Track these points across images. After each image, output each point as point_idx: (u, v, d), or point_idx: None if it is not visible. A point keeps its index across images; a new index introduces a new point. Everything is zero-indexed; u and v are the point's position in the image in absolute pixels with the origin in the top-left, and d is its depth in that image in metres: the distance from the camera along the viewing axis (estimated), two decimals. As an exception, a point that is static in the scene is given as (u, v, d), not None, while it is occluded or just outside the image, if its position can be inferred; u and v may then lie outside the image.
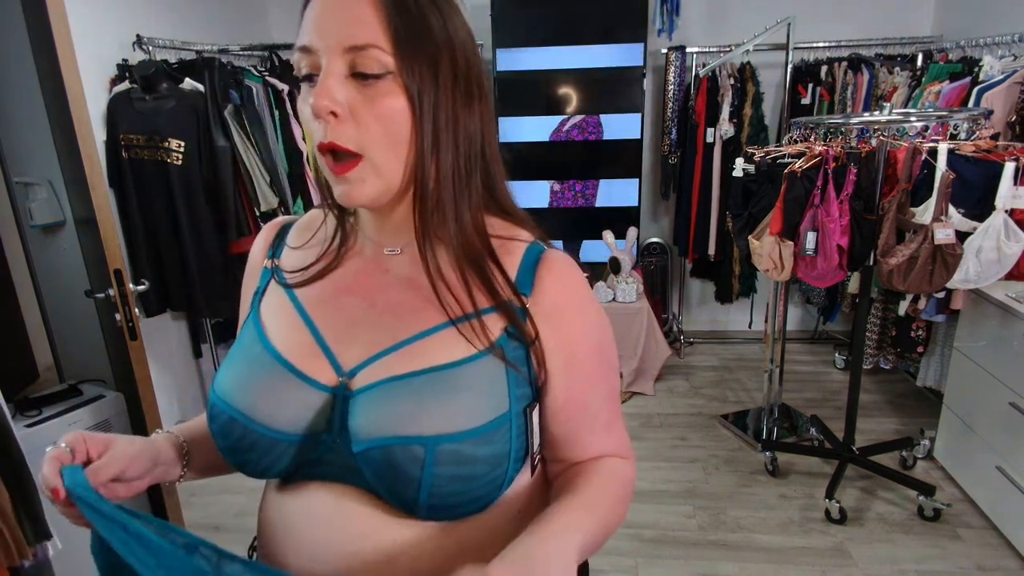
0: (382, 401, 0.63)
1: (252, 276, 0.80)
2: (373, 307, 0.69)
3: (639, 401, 3.33)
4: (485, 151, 0.68)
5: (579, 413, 0.71)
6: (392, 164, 0.61)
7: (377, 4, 0.58)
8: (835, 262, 2.16)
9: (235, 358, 0.71)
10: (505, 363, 0.65)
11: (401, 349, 0.65)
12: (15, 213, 2.11)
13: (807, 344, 3.97)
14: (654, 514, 2.44)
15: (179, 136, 2.53)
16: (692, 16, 3.71)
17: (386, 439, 0.61)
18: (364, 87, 0.59)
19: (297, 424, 0.65)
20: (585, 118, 3.53)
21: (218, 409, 0.67)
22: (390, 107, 0.59)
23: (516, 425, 0.65)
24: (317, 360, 0.67)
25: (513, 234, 0.71)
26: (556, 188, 3.66)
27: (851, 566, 2.13)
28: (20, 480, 1.49)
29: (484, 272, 0.66)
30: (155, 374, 1.99)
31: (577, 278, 0.70)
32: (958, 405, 2.45)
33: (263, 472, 0.67)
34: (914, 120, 2.19)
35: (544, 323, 0.67)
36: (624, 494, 0.73)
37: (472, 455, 0.61)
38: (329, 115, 0.58)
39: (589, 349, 0.70)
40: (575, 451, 0.73)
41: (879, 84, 3.24)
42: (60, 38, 1.54)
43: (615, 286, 3.44)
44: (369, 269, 0.71)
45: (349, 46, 0.58)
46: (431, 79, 0.60)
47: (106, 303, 1.75)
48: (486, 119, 0.67)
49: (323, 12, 0.59)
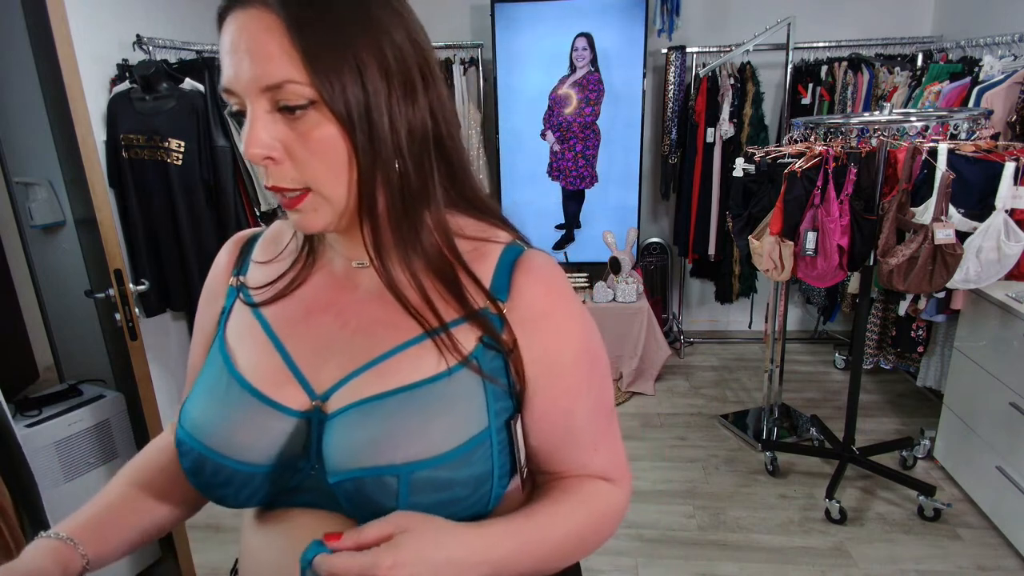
0: (354, 427, 0.60)
1: (215, 295, 0.75)
2: (345, 326, 0.65)
3: (639, 401, 3.33)
4: (443, 143, 0.63)
5: (559, 427, 0.66)
6: (339, 190, 0.58)
7: (283, 31, 0.53)
8: (835, 262, 2.16)
9: (202, 389, 0.66)
10: (482, 376, 0.61)
11: (374, 367, 0.62)
12: (15, 213, 2.11)
13: (807, 344, 3.97)
14: (654, 514, 2.44)
15: (179, 136, 2.53)
16: (692, 16, 3.71)
17: (357, 471, 0.58)
18: (293, 120, 0.55)
19: (272, 454, 0.62)
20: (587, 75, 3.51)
21: (187, 447, 0.63)
22: (322, 139, 0.56)
23: (498, 441, 0.62)
24: (288, 386, 0.63)
25: (488, 235, 0.67)
26: (556, 149, 3.64)
27: (851, 566, 2.13)
28: (21, 479, 1.49)
29: (452, 281, 0.62)
30: (155, 374, 1.99)
31: (557, 280, 0.66)
32: (958, 405, 2.45)
33: (242, 504, 0.65)
34: (914, 120, 2.19)
35: (522, 330, 0.63)
36: (598, 522, 0.68)
37: (450, 479, 0.59)
38: (266, 161, 0.56)
39: (572, 357, 0.65)
40: (556, 468, 0.69)
41: (879, 84, 3.24)
42: (60, 38, 1.54)
43: (615, 286, 3.44)
44: (339, 284, 0.68)
45: (265, 86, 0.54)
46: (358, 91, 0.55)
47: (106, 303, 1.75)
48: (438, 104, 0.61)
49: (234, 50, 0.55)
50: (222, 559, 2.28)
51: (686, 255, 3.83)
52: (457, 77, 3.54)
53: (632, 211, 3.68)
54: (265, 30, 0.54)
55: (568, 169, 3.66)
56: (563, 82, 3.54)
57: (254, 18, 0.54)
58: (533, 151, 3.65)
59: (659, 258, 3.94)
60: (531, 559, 0.62)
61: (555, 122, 3.59)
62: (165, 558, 2.03)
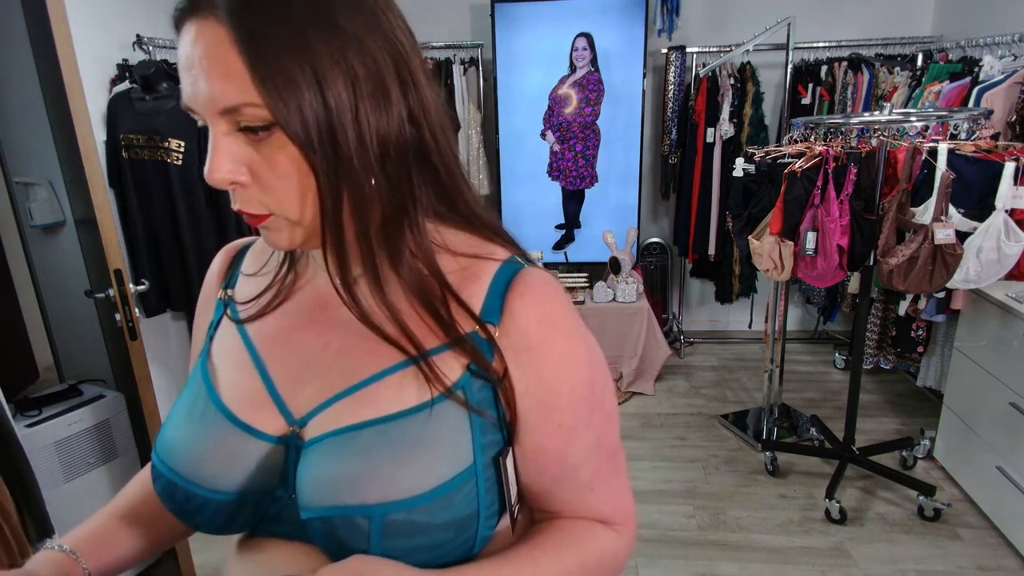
0: (328, 460, 0.56)
1: (206, 307, 0.72)
2: (327, 347, 0.61)
3: (639, 401, 3.33)
4: (427, 152, 0.56)
5: (552, 466, 0.60)
6: (307, 210, 0.53)
7: (233, 46, 0.48)
8: (835, 262, 2.16)
9: (180, 410, 0.64)
10: (468, 409, 0.56)
11: (354, 394, 0.58)
12: (15, 213, 2.11)
13: (807, 344, 3.97)
14: (654, 514, 2.44)
15: (179, 136, 2.53)
16: (692, 16, 3.71)
17: (328, 509, 0.54)
18: (257, 141, 0.51)
19: (243, 482, 0.59)
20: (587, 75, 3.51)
21: (158, 471, 0.61)
22: (285, 162, 0.51)
23: (484, 479, 0.57)
24: (265, 410, 0.60)
25: (481, 252, 0.60)
26: (556, 149, 3.64)
27: (851, 566, 2.13)
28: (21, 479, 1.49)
29: (434, 306, 0.57)
30: (155, 374, 1.99)
31: (556, 302, 0.59)
32: (958, 405, 2.45)
33: (220, 531, 0.61)
34: (914, 120, 2.19)
35: (514, 358, 0.57)
36: (590, 571, 0.61)
37: (427, 524, 0.54)
38: (232, 186, 0.53)
39: (568, 389, 0.58)
40: (551, 507, 0.63)
41: (879, 84, 3.24)
42: (60, 38, 1.54)
43: (615, 286, 3.44)
44: (322, 302, 0.63)
45: (223, 108, 0.50)
46: (319, 107, 0.49)
47: (106, 303, 1.75)
48: (421, 110, 0.55)
49: (188, 65, 0.50)
50: (222, 559, 2.27)
51: (686, 255, 3.83)
52: (457, 77, 3.54)
53: (632, 211, 3.68)
54: (216, 45, 0.49)
55: (568, 169, 3.66)
56: (563, 82, 3.54)
57: (205, 30, 0.49)
58: (533, 151, 3.65)
59: (659, 258, 3.94)
60: None
61: (555, 122, 3.59)
62: (165, 558, 2.03)
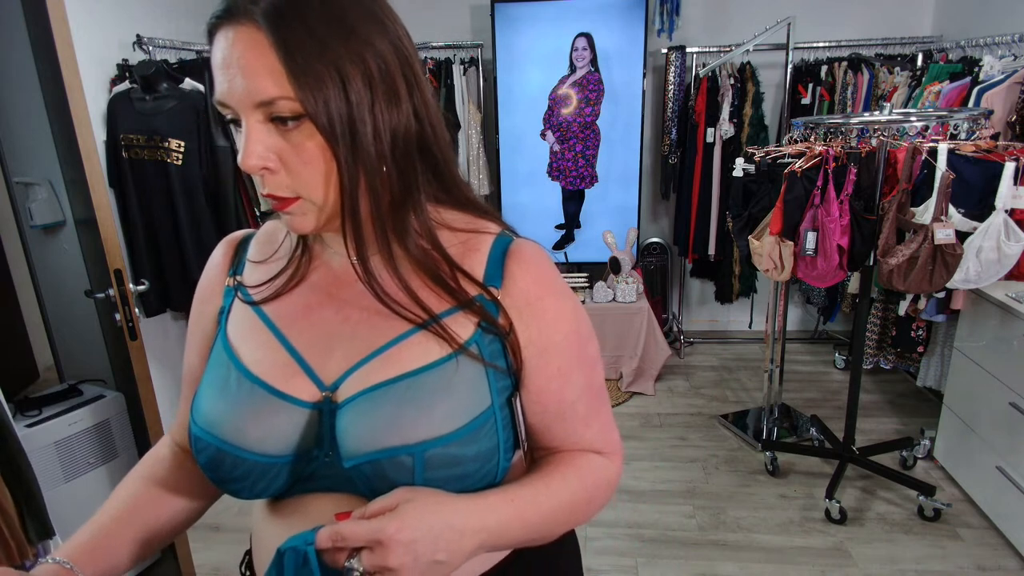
0: (365, 413, 0.63)
1: (210, 296, 0.77)
2: (347, 320, 0.68)
3: (639, 401, 3.33)
4: (428, 143, 0.65)
5: (553, 404, 0.70)
6: (330, 195, 0.61)
7: (270, 48, 0.55)
8: (835, 262, 2.16)
9: (211, 386, 0.68)
10: (481, 362, 0.65)
11: (378, 356, 0.65)
12: (15, 213, 2.11)
13: (807, 344, 3.97)
14: (654, 514, 2.44)
15: (179, 136, 2.53)
16: (692, 16, 3.71)
17: (373, 454, 0.61)
18: (286, 131, 0.58)
19: (288, 445, 0.65)
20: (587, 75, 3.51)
21: (204, 442, 0.65)
22: (311, 149, 0.58)
23: (501, 417, 0.66)
24: (297, 378, 0.66)
25: (477, 227, 0.70)
26: (556, 149, 3.64)
27: (851, 566, 2.13)
28: (21, 479, 1.49)
29: (440, 276, 0.65)
30: (155, 374, 1.99)
31: (547, 267, 0.70)
32: (958, 405, 2.45)
33: (259, 495, 0.67)
34: (914, 120, 2.19)
35: (517, 314, 0.67)
36: (591, 491, 0.71)
37: (460, 455, 0.62)
38: (262, 171, 0.59)
39: (563, 338, 0.69)
40: (551, 443, 0.73)
41: (879, 84, 3.24)
42: (60, 38, 1.54)
43: (615, 286, 3.44)
44: (338, 280, 0.70)
45: (258, 102, 0.57)
46: (341, 103, 0.57)
47: (106, 303, 1.76)
48: (422, 106, 0.64)
49: (226, 65, 0.57)
50: (222, 559, 2.28)
51: (686, 255, 3.83)
52: (457, 77, 3.54)
53: (632, 211, 3.68)
54: (254, 47, 0.56)
55: (568, 169, 3.66)
56: (563, 82, 3.54)
57: (243, 35, 0.56)
58: (533, 151, 3.65)
59: (659, 258, 3.94)
60: (525, 526, 0.66)
61: (555, 122, 3.59)
62: (165, 558, 2.03)
